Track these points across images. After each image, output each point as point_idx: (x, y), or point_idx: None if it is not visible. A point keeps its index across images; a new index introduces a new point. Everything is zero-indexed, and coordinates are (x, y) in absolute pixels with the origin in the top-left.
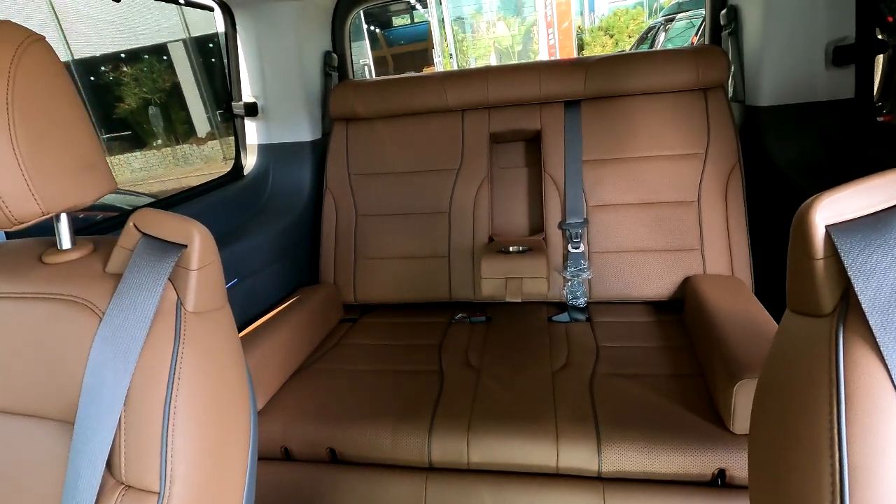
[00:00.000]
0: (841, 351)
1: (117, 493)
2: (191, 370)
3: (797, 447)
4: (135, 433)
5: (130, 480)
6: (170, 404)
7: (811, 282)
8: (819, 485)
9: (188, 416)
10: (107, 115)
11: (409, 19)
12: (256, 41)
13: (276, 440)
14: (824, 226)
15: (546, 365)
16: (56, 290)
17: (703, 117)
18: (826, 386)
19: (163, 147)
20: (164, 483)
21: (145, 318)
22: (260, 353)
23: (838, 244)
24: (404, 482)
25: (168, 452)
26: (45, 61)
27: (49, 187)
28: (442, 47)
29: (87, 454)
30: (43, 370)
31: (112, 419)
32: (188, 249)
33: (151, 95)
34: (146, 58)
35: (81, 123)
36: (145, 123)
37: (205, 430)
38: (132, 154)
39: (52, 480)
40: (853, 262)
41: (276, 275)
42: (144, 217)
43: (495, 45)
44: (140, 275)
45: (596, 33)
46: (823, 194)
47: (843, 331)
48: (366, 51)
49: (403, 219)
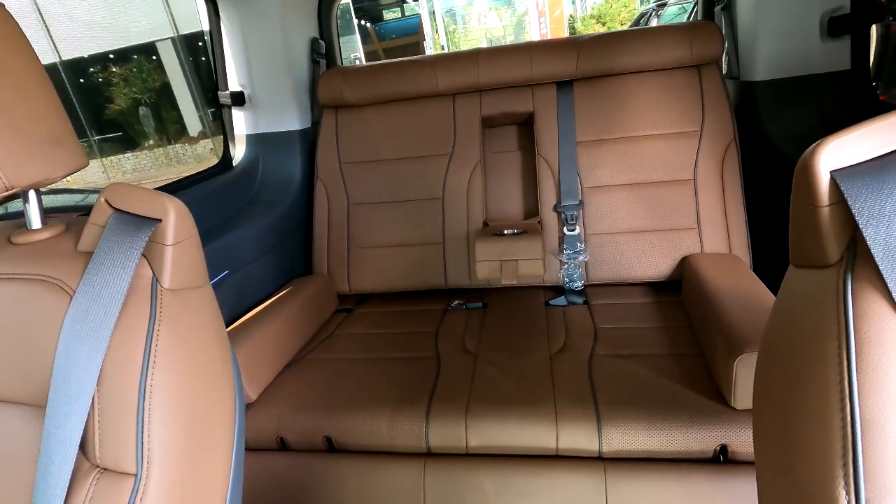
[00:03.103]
0: (850, 300)
1: (92, 477)
2: (168, 349)
3: (805, 407)
4: (109, 414)
5: (106, 463)
6: (145, 384)
7: (816, 231)
8: (830, 443)
9: (165, 396)
10: (96, 117)
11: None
12: (241, 29)
13: (271, 430)
14: (829, 171)
15: (544, 348)
16: (24, 270)
17: (697, 94)
18: (834, 338)
19: (155, 147)
20: (140, 465)
21: (118, 295)
22: (253, 344)
23: (844, 189)
24: (402, 469)
25: (144, 433)
26: (5, 30)
27: (12, 161)
28: (433, 40)
29: (59, 437)
30: (12, 353)
31: (84, 400)
32: (163, 224)
33: (141, 95)
34: (135, 58)
35: (46, 96)
36: (136, 124)
37: (184, 411)
38: (123, 155)
39: (24, 467)
40: (861, 208)
41: (269, 266)
42: (116, 192)
43: (487, 36)
44: (112, 251)
45: (588, 21)
46: (827, 139)
47: (852, 279)
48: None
49: (396, 206)
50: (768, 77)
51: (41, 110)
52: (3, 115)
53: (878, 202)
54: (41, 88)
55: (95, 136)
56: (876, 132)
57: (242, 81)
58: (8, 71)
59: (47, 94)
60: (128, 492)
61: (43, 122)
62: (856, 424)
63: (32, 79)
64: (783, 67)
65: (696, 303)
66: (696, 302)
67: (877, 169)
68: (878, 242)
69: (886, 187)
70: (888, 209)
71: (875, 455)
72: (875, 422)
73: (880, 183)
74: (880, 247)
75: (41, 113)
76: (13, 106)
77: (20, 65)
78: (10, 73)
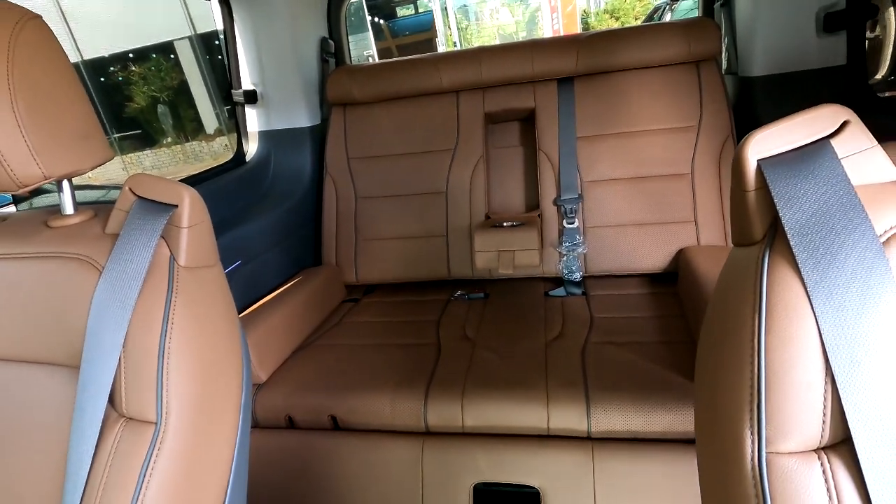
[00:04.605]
0: (765, 270)
1: (119, 425)
2: (183, 317)
3: (725, 363)
4: (133, 371)
5: (131, 413)
6: (164, 346)
7: (745, 212)
8: (741, 392)
9: (181, 357)
10: (116, 115)
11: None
12: (253, 29)
13: (279, 409)
14: (756, 160)
15: (540, 336)
16: (60, 250)
17: (695, 90)
18: (751, 304)
19: (172, 145)
20: (160, 415)
21: (140, 271)
22: (264, 329)
23: (767, 175)
24: (402, 446)
25: (163, 388)
26: (42, 38)
27: (49, 153)
28: (445, 36)
29: (91, 392)
30: (50, 321)
31: (113, 360)
32: (179, 209)
33: (160, 94)
34: (154, 56)
35: (77, 96)
36: (154, 122)
37: (196, 369)
38: (143, 153)
39: (60, 420)
40: (779, 191)
41: (279, 257)
42: (138, 181)
43: (499, 32)
44: (135, 233)
45: (601, 16)
46: (756, 132)
47: (770, 253)
48: (370, 42)
49: (402, 200)
50: (766, 72)
51: (73, 109)
52: (40, 113)
53: (794, 187)
54: (72, 89)
55: (115, 134)
56: (797, 126)
57: (255, 80)
58: (44, 75)
59: (78, 94)
60: (149, 437)
61: (74, 119)
62: (762, 376)
63: (65, 81)
64: (780, 63)
65: (690, 294)
66: (690, 293)
67: (796, 158)
68: (790, 221)
69: (801, 174)
70: (801, 193)
71: (776, 402)
72: (777, 374)
73: (797, 170)
74: (792, 225)
75: (72, 111)
76: (49, 106)
77: (54, 69)
78: (46, 77)
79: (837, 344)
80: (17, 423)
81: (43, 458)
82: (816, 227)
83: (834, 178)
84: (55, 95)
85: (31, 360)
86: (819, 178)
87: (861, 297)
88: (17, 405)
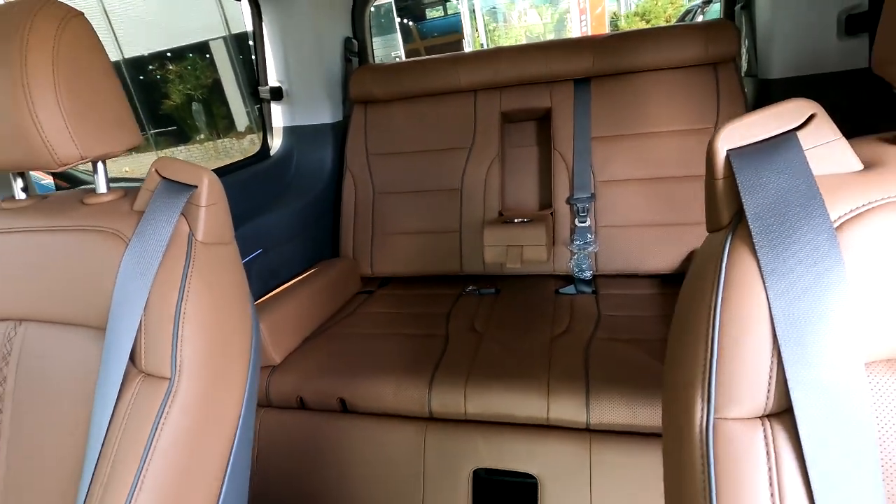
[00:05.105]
0: (727, 252)
1: (138, 380)
2: (198, 286)
3: (687, 336)
4: (152, 332)
5: (148, 369)
6: (179, 311)
7: (714, 199)
8: (696, 362)
9: (194, 321)
10: (153, 112)
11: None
12: (280, 28)
13: (291, 391)
14: (725, 150)
15: (547, 331)
16: (92, 224)
17: (712, 92)
18: (711, 281)
19: (205, 141)
20: (174, 371)
21: (162, 243)
22: (280, 314)
23: (734, 165)
24: (406, 430)
25: (177, 348)
26: (83, 33)
27: (86, 136)
28: (473, 38)
29: (115, 350)
30: (82, 287)
31: (135, 322)
32: (198, 189)
33: (194, 92)
34: (190, 55)
35: (112, 86)
36: (189, 119)
37: (208, 333)
38: (177, 148)
39: (86, 376)
40: (743, 180)
41: (298, 248)
42: (164, 164)
43: (526, 34)
44: (159, 210)
45: (632, 18)
46: (727, 124)
47: (732, 237)
48: (398, 43)
49: (418, 196)
50: (785, 75)
51: (108, 98)
52: (80, 101)
53: (758, 175)
54: (109, 80)
55: (152, 130)
56: (767, 119)
57: (281, 77)
58: (84, 67)
59: (113, 85)
60: (163, 391)
61: (109, 107)
62: (714, 348)
63: (102, 73)
64: (800, 65)
65: None
66: None
67: (762, 149)
68: (752, 207)
69: (766, 164)
70: (764, 181)
71: (726, 372)
72: (729, 346)
73: (762, 160)
74: (753, 211)
75: (108, 100)
76: (87, 94)
77: (94, 63)
78: (86, 68)
79: (785, 321)
80: (49, 378)
81: (70, 409)
82: (775, 212)
83: (796, 167)
84: (93, 85)
85: (64, 321)
86: (782, 168)
87: (811, 277)
88: (50, 362)
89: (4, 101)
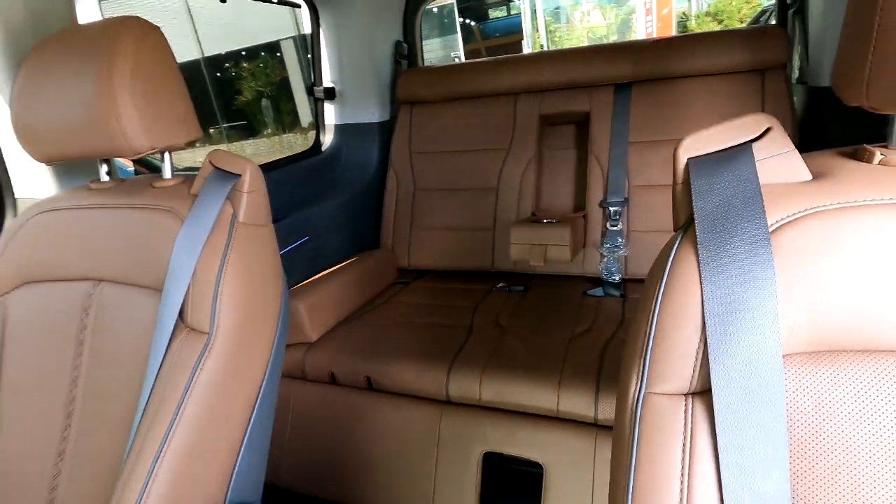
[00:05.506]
0: (675, 248)
1: (183, 333)
2: (236, 258)
3: (636, 321)
4: (197, 293)
5: (193, 324)
6: (220, 278)
7: (675, 203)
8: (637, 344)
9: (231, 287)
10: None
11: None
12: (336, 32)
13: (324, 367)
14: (686, 158)
15: (568, 330)
16: (157, 203)
17: (758, 99)
18: (659, 275)
19: (271, 136)
20: (212, 327)
21: (209, 222)
22: (318, 296)
23: (691, 172)
24: (424, 410)
25: (216, 309)
26: (158, 45)
27: (155, 129)
28: (533, 39)
29: (168, 307)
30: (146, 255)
31: (185, 285)
32: (242, 177)
33: (264, 89)
34: (262, 54)
35: (179, 88)
36: (258, 114)
37: (242, 297)
38: (245, 142)
39: (144, 329)
40: (697, 185)
41: (342, 238)
42: (216, 155)
43: (589, 36)
44: (209, 194)
45: (703, 19)
46: (690, 136)
47: (683, 236)
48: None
49: (455, 193)
50: None
51: (174, 99)
52: (152, 100)
53: (709, 182)
54: (176, 83)
55: (224, 124)
56: (726, 130)
57: (334, 78)
58: (157, 73)
59: (180, 87)
60: (202, 344)
61: (175, 106)
62: (652, 332)
63: (171, 76)
64: None
65: None
66: None
67: (718, 158)
68: (700, 210)
69: (718, 172)
70: (714, 187)
71: (659, 353)
72: (664, 330)
73: (715, 168)
74: (701, 213)
75: (174, 100)
76: (158, 94)
77: (165, 68)
78: (159, 74)
79: (713, 311)
80: (117, 329)
81: (131, 355)
82: (720, 215)
83: (745, 175)
84: (163, 87)
85: (131, 283)
86: (731, 176)
87: (740, 274)
88: (118, 316)
89: (94, 99)
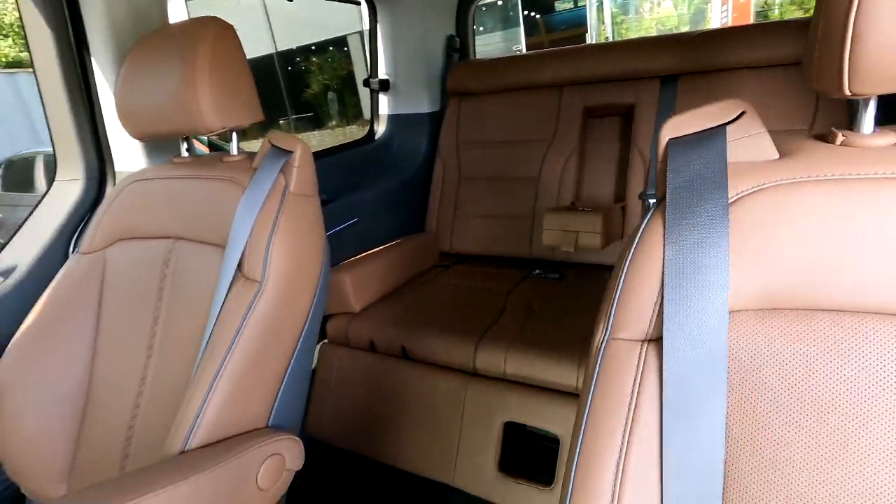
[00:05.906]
0: (648, 217)
1: (240, 282)
2: (286, 222)
3: (611, 277)
4: (253, 249)
5: (248, 274)
6: (271, 236)
7: (657, 180)
8: (608, 297)
9: (281, 244)
10: (296, 99)
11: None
12: (391, 27)
13: (365, 335)
14: (667, 139)
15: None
16: (224, 175)
17: (811, 91)
18: (632, 240)
19: (336, 127)
20: (263, 276)
21: (265, 190)
22: (363, 270)
23: (669, 151)
24: (452, 380)
25: (268, 260)
26: (230, 41)
27: (226, 111)
28: (598, 31)
29: (229, 260)
30: (214, 217)
31: (243, 240)
32: (294, 154)
33: (330, 82)
34: (330, 49)
35: (246, 77)
36: (324, 106)
37: (288, 255)
38: (311, 133)
39: (209, 279)
40: (672, 163)
41: (389, 221)
42: (274, 135)
43: (658, 27)
44: (267, 167)
45: (786, 6)
46: (672, 118)
47: (656, 207)
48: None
49: (498, 182)
50: None
51: (242, 87)
52: (224, 87)
53: (682, 159)
54: (244, 73)
55: (293, 116)
56: (705, 114)
57: (389, 70)
58: (229, 65)
59: (247, 76)
60: (254, 291)
61: (242, 93)
62: (620, 285)
63: (240, 66)
64: None
65: None
66: None
67: (694, 139)
68: (672, 185)
69: (691, 151)
70: (686, 164)
71: (623, 304)
72: (629, 285)
73: (690, 148)
74: (672, 187)
75: (242, 88)
76: (229, 81)
77: (236, 60)
78: (230, 66)
79: (671, 271)
80: (188, 280)
81: (198, 301)
82: (688, 189)
83: (715, 154)
84: (234, 76)
85: (201, 240)
86: (702, 154)
87: (699, 240)
88: (189, 268)
89: (179, 86)
